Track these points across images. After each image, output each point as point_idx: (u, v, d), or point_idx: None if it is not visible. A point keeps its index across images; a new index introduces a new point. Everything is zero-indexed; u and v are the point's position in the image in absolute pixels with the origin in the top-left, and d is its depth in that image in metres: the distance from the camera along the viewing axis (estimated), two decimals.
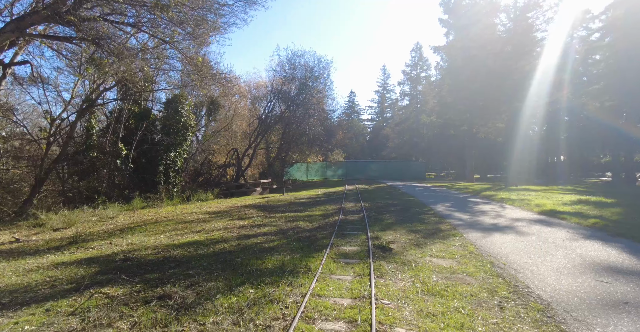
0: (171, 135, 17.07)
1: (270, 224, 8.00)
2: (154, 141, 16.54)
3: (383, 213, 9.77)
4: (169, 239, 6.58)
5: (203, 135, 27.85)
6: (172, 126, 17.25)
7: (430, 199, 13.58)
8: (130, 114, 16.51)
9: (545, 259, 4.98)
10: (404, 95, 58.39)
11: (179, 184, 17.30)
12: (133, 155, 15.66)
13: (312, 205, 12.04)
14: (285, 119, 23.53)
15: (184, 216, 9.88)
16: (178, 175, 17.61)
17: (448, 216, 9.34)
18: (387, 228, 7.46)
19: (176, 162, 17.23)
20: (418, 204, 12.15)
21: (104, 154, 14.80)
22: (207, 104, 23.94)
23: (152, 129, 16.50)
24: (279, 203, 12.76)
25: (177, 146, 17.27)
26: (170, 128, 17.24)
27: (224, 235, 6.84)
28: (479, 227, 7.57)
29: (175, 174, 17.26)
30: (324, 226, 7.77)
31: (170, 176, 17.04)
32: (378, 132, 64.76)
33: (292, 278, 4.08)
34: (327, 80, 24.75)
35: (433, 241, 6.26)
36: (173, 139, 17.06)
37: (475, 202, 12.47)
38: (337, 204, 11.93)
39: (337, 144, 29.31)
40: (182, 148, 17.61)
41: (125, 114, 16.26)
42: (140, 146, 16.05)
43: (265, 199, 14.80)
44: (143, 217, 10.09)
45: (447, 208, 10.93)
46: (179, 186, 17.03)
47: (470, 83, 24.71)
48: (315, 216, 9.28)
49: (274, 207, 11.62)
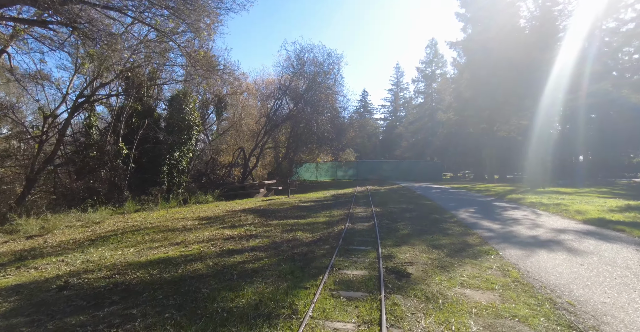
0: (175, 134, 16.21)
1: (263, 235, 6.78)
2: (158, 140, 15.62)
3: (397, 221, 8.43)
4: (137, 255, 5.45)
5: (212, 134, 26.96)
6: (176, 124, 16.38)
7: (450, 203, 12.13)
8: (133, 112, 15.64)
9: (632, 297, 3.58)
10: (418, 93, 56.49)
11: (184, 185, 16.40)
12: (134, 155, 14.79)
13: (316, 210, 10.78)
14: (293, 117, 22.38)
15: (172, 222, 8.79)
16: (183, 175, 16.74)
17: (474, 224, 7.93)
18: (403, 242, 6.14)
19: (181, 162, 16.35)
20: (437, 209, 10.74)
21: (103, 153, 13.90)
22: (215, 102, 23.02)
23: (155, 127, 15.62)
24: (281, 207, 11.55)
25: (182, 145, 16.40)
26: (175, 126, 16.36)
27: (204, 250, 5.66)
28: (516, 242, 6.16)
29: (179, 174, 16.40)
30: (327, 238, 6.51)
31: (175, 176, 16.16)
32: (391, 131, 63.11)
33: (268, 329, 2.84)
34: (337, 76, 23.48)
35: (462, 261, 4.92)
36: (177, 137, 16.18)
37: (503, 207, 10.96)
38: (344, 209, 10.64)
39: (348, 143, 27.98)
40: (187, 147, 16.72)
41: (127, 112, 15.39)
42: (142, 145, 15.15)
43: (267, 201, 13.64)
44: (128, 223, 9.05)
45: (471, 214, 9.50)
46: (184, 187, 16.09)
47: (491, 77, 23.01)
48: (317, 224, 8.02)
49: (274, 211, 10.41)
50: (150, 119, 15.58)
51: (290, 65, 22.63)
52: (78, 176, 13.99)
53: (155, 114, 16.57)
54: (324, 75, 22.67)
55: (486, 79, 23.56)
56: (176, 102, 16.72)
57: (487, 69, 23.57)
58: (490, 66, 23.20)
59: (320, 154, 29.33)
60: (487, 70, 23.59)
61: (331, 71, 22.81)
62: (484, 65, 23.97)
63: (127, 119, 15.19)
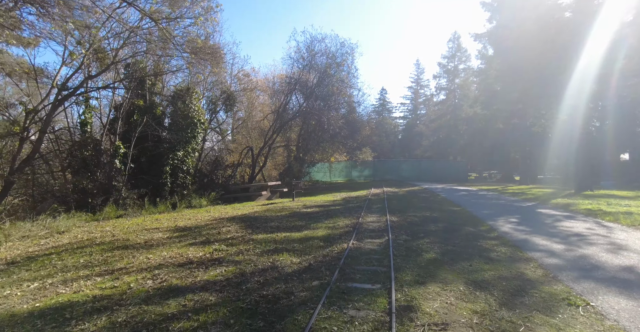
0: (179, 132, 14.85)
1: (232, 260, 4.97)
2: (160, 138, 14.25)
3: (419, 236, 6.44)
4: (32, 295, 3.75)
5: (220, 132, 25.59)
6: (180, 122, 15.05)
7: (483, 210, 9.97)
8: (134, 108, 14.32)
9: None
10: (440, 89, 53.49)
11: (189, 187, 15.08)
12: (133, 154, 13.51)
13: (319, 218, 8.89)
14: (303, 114, 20.56)
15: (138, 235, 7.14)
16: (189, 176, 15.41)
17: (524, 243, 5.84)
18: (428, 275, 4.18)
19: (185, 162, 15.01)
20: (469, 218, 8.64)
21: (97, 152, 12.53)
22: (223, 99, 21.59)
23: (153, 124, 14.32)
24: (279, 214, 9.74)
25: (186, 144, 15.04)
26: (178, 124, 15.04)
27: (135, 286, 3.90)
28: (606, 277, 4.07)
29: (185, 175, 15.08)
30: (319, 265, 4.62)
31: (179, 177, 14.80)
32: (411, 130, 60.44)
33: None
34: (352, 67, 21.43)
35: (530, 320, 2.93)
36: (181, 135, 14.83)
37: (553, 217, 8.73)
38: (353, 217, 8.71)
39: (364, 141, 25.82)
40: (192, 146, 15.35)
41: (124, 107, 14.09)
42: (142, 143, 13.77)
43: (267, 206, 11.88)
44: (91, 234, 7.48)
45: (515, 227, 7.37)
46: (190, 189, 14.68)
47: (524, 66, 20.35)
48: (313, 241, 6.14)
49: (267, 220, 8.60)
50: (149, 115, 14.20)
51: (300, 58, 20.81)
52: (65, 177, 12.74)
53: (157, 111, 15.22)
54: (337, 67, 20.71)
55: (518, 69, 20.93)
56: (179, 98, 15.40)
57: (519, 57, 20.94)
58: (523, 54, 20.57)
59: (335, 154, 27.41)
60: (519, 59, 20.95)
61: (344, 62, 20.82)
62: (516, 54, 21.33)
63: (124, 115, 13.86)
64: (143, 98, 15.15)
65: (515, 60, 20.65)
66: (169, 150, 14.31)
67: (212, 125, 21.88)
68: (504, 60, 22.30)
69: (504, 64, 22.22)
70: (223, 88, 21.55)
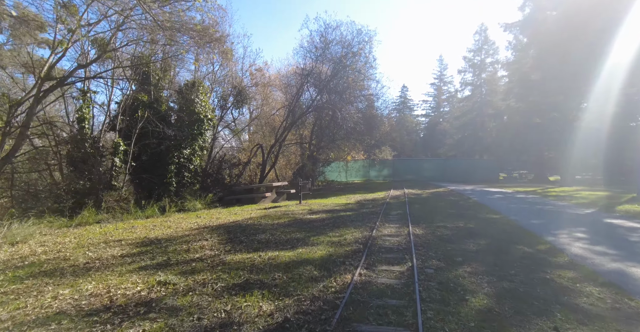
0: (184, 129, 13.67)
1: (169, 305, 3.26)
2: (165, 135, 12.98)
3: (456, 262, 4.55)
4: None
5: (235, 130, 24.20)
6: (185, 118, 13.86)
7: (532, 220, 7.89)
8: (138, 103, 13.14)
9: None
10: (465, 84, 50.31)
11: (197, 187, 13.87)
12: (135, 152, 12.37)
13: (323, 228, 7.11)
14: (315, 108, 18.83)
15: (91, 249, 5.61)
16: (198, 176, 14.16)
17: (621, 277, 3.86)
18: None
19: (192, 161, 13.82)
20: (517, 230, 6.63)
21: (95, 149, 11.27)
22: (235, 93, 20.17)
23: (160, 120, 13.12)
24: (276, 221, 8.03)
25: (193, 141, 13.86)
26: (184, 120, 13.84)
27: None
28: None
29: (192, 175, 13.86)
30: (299, 323, 2.85)
31: (185, 177, 13.58)
32: (433, 128, 57.67)
33: None
34: (369, 57, 19.45)
35: None
36: (187, 132, 13.63)
37: (639, 232, 6.58)
38: (366, 228, 6.89)
39: (383, 138, 23.71)
40: (199, 144, 14.14)
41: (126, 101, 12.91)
42: (143, 140, 12.53)
43: (267, 210, 10.21)
44: (43, 247, 6.05)
45: (589, 246, 5.33)
46: (197, 189, 13.44)
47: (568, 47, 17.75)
48: (305, 268, 4.37)
49: (258, 231, 6.91)
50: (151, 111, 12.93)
51: (313, 48, 19.00)
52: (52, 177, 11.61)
53: (163, 106, 13.97)
54: (353, 56, 18.80)
55: (560, 54, 18.36)
56: (186, 92, 14.16)
57: (560, 41, 18.37)
58: (566, 36, 18.00)
59: (351, 152, 25.51)
60: (560, 43, 18.39)
61: (361, 51, 18.85)
62: (557, 37, 18.75)
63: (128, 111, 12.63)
64: (148, 93, 13.98)
65: (556, 45, 18.11)
66: (174, 148, 13.14)
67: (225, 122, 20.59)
68: (541, 47, 19.72)
69: (542, 51, 19.64)
70: (234, 83, 20.12)
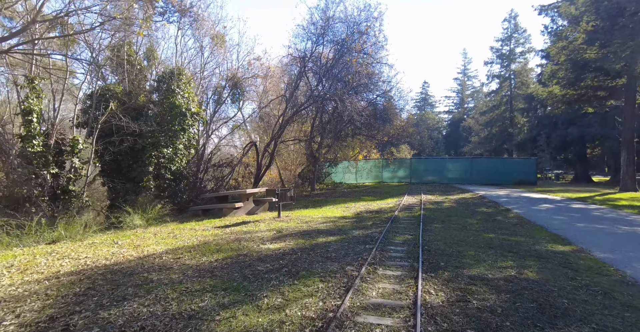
0: (163, 124, 11.41)
1: None
2: (141, 132, 10.62)
3: None
4: None
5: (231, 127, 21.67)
6: (165, 112, 11.58)
7: (616, 253, 4.73)
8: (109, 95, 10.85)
9: None
10: (492, 77, 45.85)
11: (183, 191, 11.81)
12: (98, 151, 10.14)
13: (265, 281, 4.17)
14: (316, 99, 15.88)
15: None
16: (185, 179, 12.08)
17: None
18: None
19: (173, 161, 11.56)
20: (620, 289, 3.53)
21: (46, 148, 8.88)
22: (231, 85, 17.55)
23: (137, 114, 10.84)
24: (201, 261, 5.22)
25: (174, 139, 11.58)
26: (164, 115, 11.56)
27: None
28: None
29: (176, 178, 11.70)
30: None
31: (167, 179, 11.29)
32: (457, 124, 53.56)
33: None
34: (379, 37, 16.40)
35: None
36: (166, 128, 11.39)
37: None
38: (336, 285, 4.02)
39: (399, 135, 20.36)
40: (182, 142, 11.85)
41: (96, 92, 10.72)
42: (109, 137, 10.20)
43: (220, 231, 7.37)
44: None
45: None
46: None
47: None
48: None
49: (140, 289, 4.14)
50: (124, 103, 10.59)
51: (312, 28, 15.99)
52: None
53: (141, 98, 11.63)
54: (360, 36, 15.80)
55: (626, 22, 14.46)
56: (164, 82, 11.79)
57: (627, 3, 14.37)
58: None
59: (362, 151, 22.43)
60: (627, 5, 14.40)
61: (369, 30, 15.82)
62: None
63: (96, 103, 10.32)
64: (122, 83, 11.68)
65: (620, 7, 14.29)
66: (152, 146, 10.80)
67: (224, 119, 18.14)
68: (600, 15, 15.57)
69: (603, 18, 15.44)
70: (229, 74, 17.44)
